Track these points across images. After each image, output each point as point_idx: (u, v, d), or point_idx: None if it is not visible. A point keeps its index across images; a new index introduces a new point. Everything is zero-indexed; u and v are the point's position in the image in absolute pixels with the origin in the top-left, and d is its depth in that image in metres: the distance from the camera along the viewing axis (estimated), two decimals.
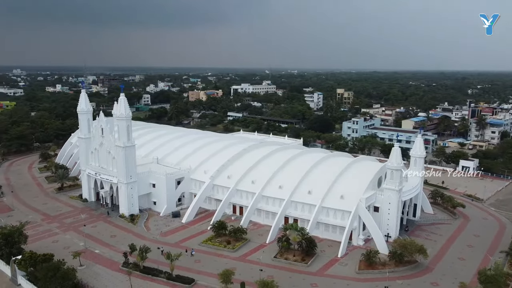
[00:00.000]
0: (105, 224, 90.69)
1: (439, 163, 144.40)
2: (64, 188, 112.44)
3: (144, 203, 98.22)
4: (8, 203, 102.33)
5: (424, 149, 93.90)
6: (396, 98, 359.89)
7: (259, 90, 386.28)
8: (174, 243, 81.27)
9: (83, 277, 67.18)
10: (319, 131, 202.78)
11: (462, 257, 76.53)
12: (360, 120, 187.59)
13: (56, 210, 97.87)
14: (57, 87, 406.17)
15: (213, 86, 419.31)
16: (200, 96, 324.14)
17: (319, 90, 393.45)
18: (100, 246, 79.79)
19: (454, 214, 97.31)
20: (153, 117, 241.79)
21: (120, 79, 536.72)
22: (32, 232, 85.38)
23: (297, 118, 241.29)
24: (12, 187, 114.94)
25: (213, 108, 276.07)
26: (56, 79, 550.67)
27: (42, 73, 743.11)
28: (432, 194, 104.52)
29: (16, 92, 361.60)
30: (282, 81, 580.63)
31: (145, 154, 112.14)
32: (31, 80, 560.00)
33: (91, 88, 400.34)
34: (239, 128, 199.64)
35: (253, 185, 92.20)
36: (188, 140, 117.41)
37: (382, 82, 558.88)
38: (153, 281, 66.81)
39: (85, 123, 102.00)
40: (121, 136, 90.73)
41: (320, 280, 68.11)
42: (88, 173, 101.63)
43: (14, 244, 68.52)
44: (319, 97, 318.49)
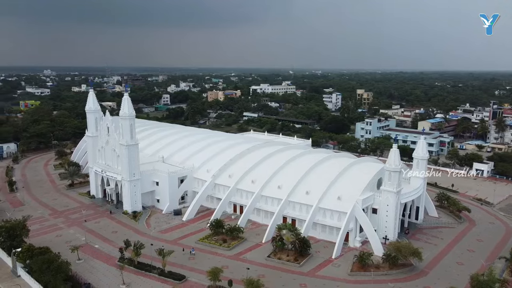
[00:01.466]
0: (108, 220, 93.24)
1: (453, 165, 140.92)
2: (75, 185, 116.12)
3: (148, 200, 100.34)
4: (20, 198, 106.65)
5: (427, 151, 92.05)
6: (418, 99, 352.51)
7: (278, 91, 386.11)
8: (172, 240, 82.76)
9: (79, 271, 69.64)
10: (334, 132, 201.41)
11: (460, 261, 74.76)
12: (373, 121, 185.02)
13: (64, 206, 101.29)
14: (82, 87, 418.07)
15: (233, 87, 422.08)
16: (218, 96, 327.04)
17: (340, 90, 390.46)
18: (101, 241, 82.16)
19: (459, 218, 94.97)
20: (170, 116, 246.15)
21: (144, 79, 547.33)
22: (38, 226, 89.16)
23: (313, 118, 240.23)
24: (23, 182, 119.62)
25: (230, 108, 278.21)
26: (82, 80, 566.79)
27: (71, 73, 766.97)
28: (438, 197, 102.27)
29: (43, 92, 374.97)
30: (304, 82, 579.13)
31: (152, 152, 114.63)
32: (59, 80, 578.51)
33: (114, 88, 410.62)
34: (254, 128, 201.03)
35: (253, 184, 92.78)
36: (194, 139, 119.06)
37: (406, 83, 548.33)
38: (146, 277, 68.37)
39: (92, 122, 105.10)
40: (124, 134, 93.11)
41: (310, 280, 68.01)
42: (95, 171, 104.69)
43: (16, 237, 71.32)
44: (337, 97, 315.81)
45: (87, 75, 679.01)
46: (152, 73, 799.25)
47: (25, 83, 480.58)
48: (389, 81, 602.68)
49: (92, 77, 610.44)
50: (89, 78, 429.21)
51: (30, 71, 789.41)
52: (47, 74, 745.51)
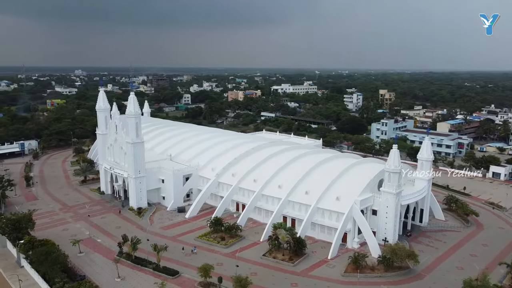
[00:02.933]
0: (114, 215, 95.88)
1: (469, 168, 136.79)
2: (88, 181, 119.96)
3: (154, 197, 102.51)
4: (34, 193, 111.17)
5: (431, 152, 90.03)
6: (444, 100, 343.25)
7: (299, 90, 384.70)
8: (172, 236, 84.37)
9: (79, 263, 72.24)
10: (350, 132, 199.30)
11: (460, 266, 72.77)
12: (389, 122, 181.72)
13: (74, 201, 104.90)
14: (108, 87, 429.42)
15: (255, 87, 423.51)
16: (238, 96, 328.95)
17: (363, 90, 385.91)
18: (103, 235, 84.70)
19: (467, 221, 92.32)
20: (189, 116, 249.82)
21: (168, 79, 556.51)
22: (47, 220, 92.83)
23: (331, 119, 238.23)
24: (40, 178, 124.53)
25: (248, 108, 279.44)
26: (110, 79, 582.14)
27: (100, 73, 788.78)
28: (447, 199, 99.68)
29: (70, 91, 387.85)
30: (329, 82, 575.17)
31: (162, 151, 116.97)
32: (88, 80, 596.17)
33: (139, 88, 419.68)
34: (269, 128, 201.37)
35: (255, 183, 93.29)
36: (202, 138, 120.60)
37: (433, 83, 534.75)
38: (141, 271, 70.06)
39: (102, 120, 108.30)
40: (130, 132, 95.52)
41: (301, 280, 67.92)
42: (105, 167, 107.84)
43: (21, 230, 74.56)
44: (358, 98, 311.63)
45: (115, 75, 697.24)
46: (180, 73, 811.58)
47: (55, 83, 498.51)
48: (416, 81, 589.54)
49: (119, 77, 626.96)
50: (133, 78, 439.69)
51: (63, 71, 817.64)
52: (77, 74, 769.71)
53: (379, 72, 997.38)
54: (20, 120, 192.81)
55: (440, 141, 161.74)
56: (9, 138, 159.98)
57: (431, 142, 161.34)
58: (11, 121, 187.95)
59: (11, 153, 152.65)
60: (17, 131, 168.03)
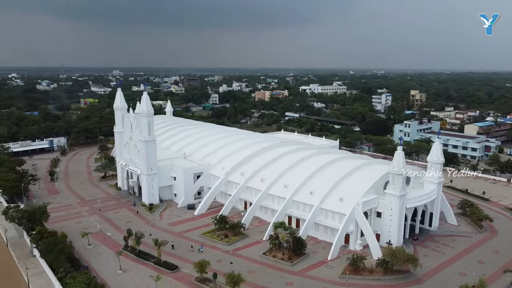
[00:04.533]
0: (127, 211, 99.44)
1: (493, 172, 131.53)
2: (107, 177, 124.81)
3: (167, 194, 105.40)
4: (57, 187, 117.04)
5: (441, 155, 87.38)
6: (480, 101, 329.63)
7: (327, 91, 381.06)
8: (178, 232, 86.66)
9: (86, 254, 75.85)
10: (374, 133, 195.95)
11: (464, 272, 70.44)
12: (412, 123, 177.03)
13: (92, 196, 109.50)
14: (141, 86, 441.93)
15: (283, 87, 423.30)
16: (265, 96, 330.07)
17: (395, 91, 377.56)
18: (113, 229, 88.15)
19: (480, 227, 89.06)
20: (214, 115, 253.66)
21: (199, 79, 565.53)
22: (64, 213, 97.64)
23: (356, 119, 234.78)
24: (64, 173, 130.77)
25: (274, 108, 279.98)
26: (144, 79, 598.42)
27: (136, 73, 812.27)
28: (461, 204, 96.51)
29: (105, 91, 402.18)
30: (361, 82, 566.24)
31: (177, 149, 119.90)
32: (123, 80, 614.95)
33: (170, 88, 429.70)
34: (293, 128, 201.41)
35: (262, 183, 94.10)
36: (217, 137, 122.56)
37: (471, 84, 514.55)
38: (143, 264, 72.54)
39: (119, 119, 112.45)
40: (143, 131, 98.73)
41: (297, 279, 68.13)
42: (121, 164, 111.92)
43: (35, 221, 78.96)
44: (387, 98, 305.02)
45: (150, 75, 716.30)
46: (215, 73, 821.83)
47: (92, 83, 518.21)
48: (453, 81, 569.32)
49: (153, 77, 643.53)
50: (166, 78, 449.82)
51: (101, 72, 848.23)
52: (115, 74, 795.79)
53: (417, 72, 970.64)
54: (52, 118, 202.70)
55: (465, 144, 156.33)
56: (40, 135, 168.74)
57: (456, 145, 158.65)
58: (44, 119, 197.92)
59: (41, 149, 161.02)
60: (48, 128, 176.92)
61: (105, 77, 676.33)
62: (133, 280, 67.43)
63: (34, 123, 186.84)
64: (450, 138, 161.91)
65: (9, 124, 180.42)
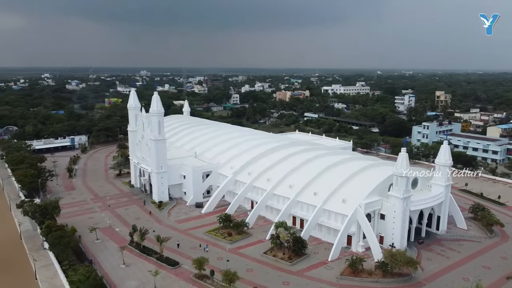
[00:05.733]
0: (137, 208, 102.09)
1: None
2: (123, 175, 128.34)
3: (177, 192, 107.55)
4: (74, 184, 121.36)
5: (450, 157, 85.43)
6: (508, 102, 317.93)
7: (350, 91, 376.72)
8: (183, 230, 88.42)
9: (93, 249, 78.58)
10: (393, 135, 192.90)
11: (467, 277, 68.73)
12: (431, 125, 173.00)
13: (105, 192, 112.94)
14: (165, 86, 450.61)
15: (305, 87, 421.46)
16: (286, 97, 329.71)
17: (421, 92, 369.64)
18: (122, 225, 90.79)
19: (491, 232, 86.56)
20: (233, 115, 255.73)
21: (223, 80, 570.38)
22: (77, 208, 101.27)
23: (376, 120, 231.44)
24: (82, 170, 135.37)
25: (294, 109, 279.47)
26: (169, 79, 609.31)
27: (163, 74, 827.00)
28: (473, 208, 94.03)
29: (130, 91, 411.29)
30: (387, 82, 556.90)
31: (190, 148, 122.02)
32: (149, 80, 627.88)
33: (193, 88, 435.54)
34: (311, 129, 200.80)
35: (268, 182, 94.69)
36: (229, 137, 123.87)
37: (503, 84, 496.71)
38: (146, 260, 74.53)
39: (133, 118, 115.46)
40: (153, 130, 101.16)
41: (294, 279, 68.38)
42: (134, 162, 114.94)
43: (47, 215, 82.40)
44: (410, 99, 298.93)
45: (176, 76, 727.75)
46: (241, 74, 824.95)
47: (119, 83, 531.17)
48: (484, 82, 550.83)
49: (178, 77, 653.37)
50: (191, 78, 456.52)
51: (129, 72, 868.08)
52: (142, 74, 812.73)
53: (447, 72, 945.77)
54: (75, 117, 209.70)
55: (486, 147, 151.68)
56: (63, 133, 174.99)
57: (476, 147, 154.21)
58: (68, 118, 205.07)
59: (63, 146, 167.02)
60: (71, 126, 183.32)
61: (132, 77, 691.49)
62: (134, 275, 69.43)
63: (58, 122, 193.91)
64: (470, 141, 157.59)
65: (35, 123, 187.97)
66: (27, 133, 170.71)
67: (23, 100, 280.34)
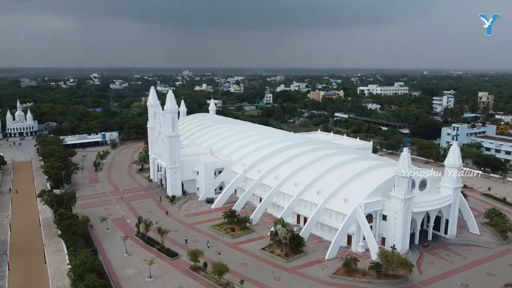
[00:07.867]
0: (152, 201, 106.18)
1: None
2: (144, 170, 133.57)
3: (191, 188, 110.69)
4: (98, 177, 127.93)
5: (459, 159, 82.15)
6: None
7: (387, 92, 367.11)
8: (189, 224, 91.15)
9: (102, 238, 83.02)
10: (424, 136, 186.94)
11: (467, 283, 66.32)
12: (461, 126, 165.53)
13: (125, 186, 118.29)
14: (203, 86, 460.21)
15: (341, 87, 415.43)
16: (319, 97, 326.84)
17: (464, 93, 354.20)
18: (134, 217, 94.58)
19: (505, 238, 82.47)
20: (263, 115, 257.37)
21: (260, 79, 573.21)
22: (96, 200, 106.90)
23: (409, 121, 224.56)
24: (109, 164, 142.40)
25: (325, 108, 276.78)
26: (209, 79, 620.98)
27: (204, 74, 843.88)
28: (489, 213, 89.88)
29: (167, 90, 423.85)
30: (431, 83, 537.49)
31: (208, 145, 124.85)
32: (189, 79, 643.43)
33: (229, 88, 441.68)
34: (340, 129, 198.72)
35: (275, 180, 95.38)
36: (246, 135, 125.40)
37: None
38: (148, 250, 77.80)
39: (152, 115, 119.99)
40: (167, 127, 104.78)
41: (286, 276, 68.82)
42: (152, 158, 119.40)
43: (62, 205, 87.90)
44: (449, 100, 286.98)
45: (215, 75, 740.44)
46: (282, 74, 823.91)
47: (160, 82, 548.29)
48: None
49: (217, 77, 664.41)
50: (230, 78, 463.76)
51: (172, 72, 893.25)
52: (184, 74, 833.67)
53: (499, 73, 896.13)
54: (110, 114, 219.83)
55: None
56: (97, 129, 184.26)
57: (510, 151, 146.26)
58: (103, 115, 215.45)
59: (95, 142, 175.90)
60: (104, 123, 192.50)
61: (174, 77, 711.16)
62: (134, 263, 72.73)
63: (94, 119, 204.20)
64: (503, 144, 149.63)
65: (72, 119, 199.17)
66: (64, 128, 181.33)
67: (67, 98, 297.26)
